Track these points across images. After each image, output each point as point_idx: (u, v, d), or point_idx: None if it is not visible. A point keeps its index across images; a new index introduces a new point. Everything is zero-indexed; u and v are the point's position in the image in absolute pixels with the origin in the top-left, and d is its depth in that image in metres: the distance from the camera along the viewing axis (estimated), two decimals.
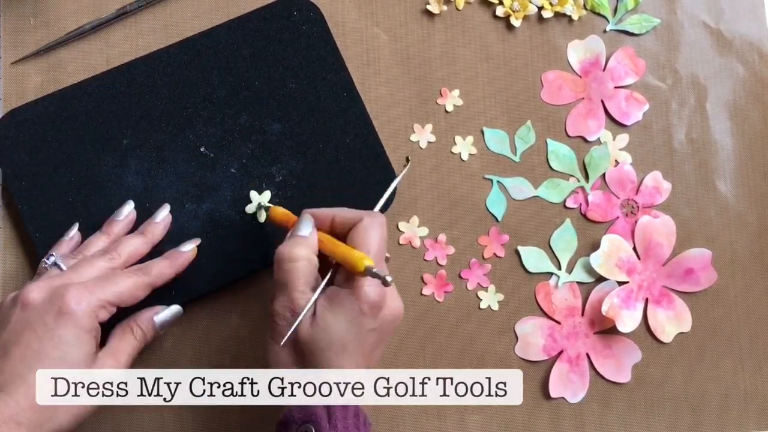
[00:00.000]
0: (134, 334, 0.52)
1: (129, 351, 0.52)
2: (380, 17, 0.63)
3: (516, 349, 0.61)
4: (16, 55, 0.61)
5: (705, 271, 0.62)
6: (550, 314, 0.61)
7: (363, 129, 0.60)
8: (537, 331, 0.61)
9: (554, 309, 0.61)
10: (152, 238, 0.56)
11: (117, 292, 0.50)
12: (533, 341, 0.61)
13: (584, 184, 0.63)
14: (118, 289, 0.50)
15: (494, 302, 0.61)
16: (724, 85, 0.65)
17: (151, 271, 0.53)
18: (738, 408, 0.62)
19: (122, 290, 0.50)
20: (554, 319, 0.61)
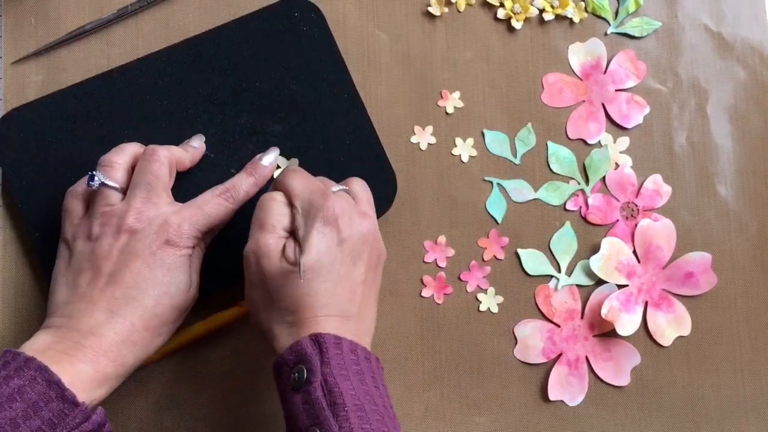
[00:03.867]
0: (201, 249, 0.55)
1: None
2: (381, 18, 0.63)
3: (515, 352, 0.61)
4: (16, 55, 0.61)
5: (705, 274, 0.62)
6: (549, 317, 0.61)
7: (363, 130, 0.60)
8: (536, 334, 0.61)
9: (554, 312, 0.61)
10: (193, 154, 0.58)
11: (212, 220, 0.53)
12: (532, 344, 0.61)
13: (584, 187, 0.63)
14: (211, 220, 0.53)
15: (494, 304, 0.61)
16: (725, 89, 0.65)
17: (238, 195, 0.55)
18: (737, 412, 0.62)
19: (216, 217, 0.53)
20: (554, 321, 0.61)
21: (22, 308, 0.59)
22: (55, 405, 0.45)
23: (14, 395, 0.44)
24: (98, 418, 0.46)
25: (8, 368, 0.46)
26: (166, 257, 0.51)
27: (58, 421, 0.45)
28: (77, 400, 0.45)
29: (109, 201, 0.53)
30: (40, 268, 0.58)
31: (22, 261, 0.59)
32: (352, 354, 0.47)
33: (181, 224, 0.52)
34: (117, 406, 0.58)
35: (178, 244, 0.51)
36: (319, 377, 0.45)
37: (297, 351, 0.47)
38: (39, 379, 0.45)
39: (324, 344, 0.47)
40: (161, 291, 0.50)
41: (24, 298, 0.59)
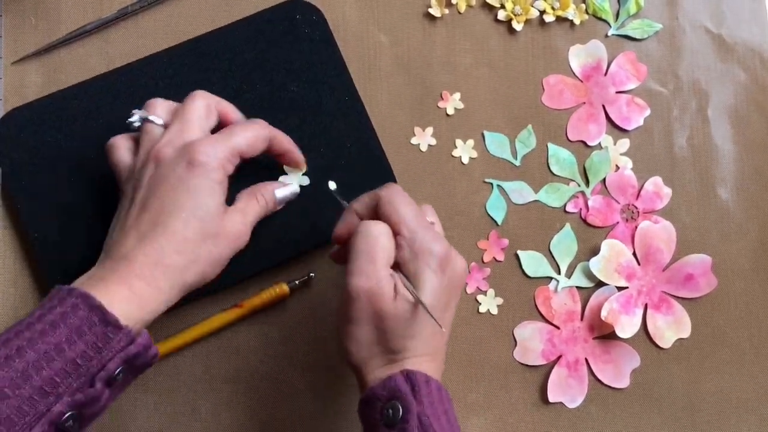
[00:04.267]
0: (258, 202, 0.55)
1: (254, 213, 0.54)
2: (382, 20, 0.63)
3: (515, 354, 0.61)
4: (16, 55, 0.61)
5: (705, 277, 0.62)
6: (549, 319, 0.61)
7: (364, 132, 0.60)
8: (536, 336, 0.61)
9: (553, 314, 0.61)
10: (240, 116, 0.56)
11: (240, 143, 0.52)
12: (532, 346, 0.61)
13: (584, 189, 0.63)
14: (240, 140, 0.52)
15: (493, 306, 0.61)
16: (725, 91, 0.65)
17: (272, 129, 0.55)
18: (737, 414, 0.62)
19: (244, 141, 0.52)
20: (553, 323, 0.61)
21: (22, 309, 0.59)
22: (99, 329, 0.44)
23: (57, 321, 0.44)
24: (143, 341, 0.46)
25: (53, 300, 0.46)
26: (192, 179, 0.49)
27: (103, 344, 0.44)
28: (120, 322, 0.45)
29: (151, 136, 0.52)
30: (40, 269, 0.58)
31: (22, 261, 0.59)
32: (438, 393, 0.48)
33: (207, 144, 0.50)
34: (117, 407, 0.58)
35: (204, 166, 0.50)
36: (415, 416, 0.46)
37: (390, 387, 0.47)
38: (81, 305, 0.45)
39: (416, 383, 0.47)
40: (188, 214, 0.49)
41: (23, 298, 0.59)
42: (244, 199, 0.54)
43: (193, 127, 0.52)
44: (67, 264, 0.58)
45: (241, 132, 0.52)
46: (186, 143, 0.51)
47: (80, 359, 0.44)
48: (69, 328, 0.44)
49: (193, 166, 0.50)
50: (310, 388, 0.59)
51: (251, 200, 0.54)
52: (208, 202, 0.50)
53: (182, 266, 0.49)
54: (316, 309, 0.60)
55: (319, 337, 0.60)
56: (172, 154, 0.50)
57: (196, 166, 0.50)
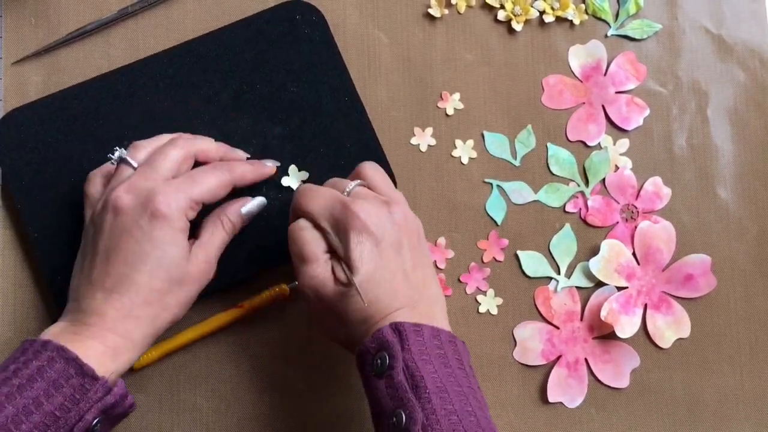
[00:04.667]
0: (224, 227, 0.54)
1: (218, 244, 0.54)
2: (382, 20, 0.63)
3: (514, 354, 0.61)
4: (17, 55, 0.61)
5: (704, 277, 0.62)
6: (549, 319, 0.61)
7: (364, 132, 0.60)
8: (536, 336, 0.61)
9: (553, 314, 0.61)
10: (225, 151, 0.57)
11: (202, 192, 0.52)
12: (532, 346, 0.61)
13: (584, 189, 0.63)
14: (203, 189, 0.52)
15: (493, 306, 0.61)
16: (725, 91, 0.65)
17: (234, 169, 0.55)
18: (737, 414, 0.62)
19: (207, 189, 0.52)
20: (553, 323, 0.61)
21: (22, 309, 0.59)
22: (76, 381, 0.46)
23: (34, 376, 0.45)
24: (120, 390, 0.47)
25: (27, 353, 0.47)
26: (154, 230, 0.49)
27: (81, 396, 0.46)
28: (96, 374, 0.46)
29: (122, 177, 0.52)
30: (40, 269, 0.58)
31: (22, 262, 0.59)
32: (434, 339, 0.48)
33: (168, 195, 0.50)
34: None
35: (166, 217, 0.50)
36: (401, 362, 0.46)
37: (378, 339, 0.48)
38: (57, 357, 0.46)
39: (404, 332, 0.47)
40: (154, 265, 0.49)
41: (24, 298, 0.59)
42: (208, 228, 0.54)
43: (158, 174, 0.52)
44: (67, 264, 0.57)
45: (202, 180, 0.52)
46: (147, 193, 0.50)
47: (58, 411, 0.45)
48: (46, 382, 0.45)
49: (155, 218, 0.50)
50: (310, 388, 0.59)
51: (215, 228, 0.54)
52: (172, 251, 0.50)
53: (152, 316, 0.50)
54: None
55: (318, 338, 0.60)
56: (131, 203, 0.50)
57: (158, 217, 0.50)
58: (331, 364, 0.60)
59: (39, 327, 0.59)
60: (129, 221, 0.50)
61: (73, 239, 0.58)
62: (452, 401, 0.45)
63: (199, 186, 0.52)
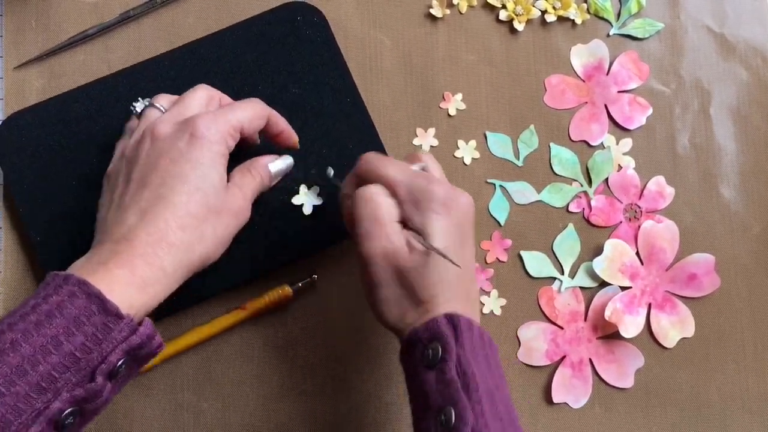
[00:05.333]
0: (253, 175, 0.53)
1: (252, 187, 0.53)
2: (383, 21, 0.63)
3: (518, 354, 0.61)
4: (18, 59, 0.61)
5: (708, 276, 0.62)
6: (552, 319, 0.61)
7: (366, 133, 0.60)
8: (540, 336, 0.61)
9: (557, 314, 0.61)
10: None
11: (240, 118, 0.51)
12: (536, 346, 0.61)
13: (587, 189, 0.63)
14: (241, 115, 0.51)
15: (497, 307, 0.61)
16: (727, 90, 0.65)
17: (265, 105, 0.54)
18: (742, 413, 0.62)
19: (245, 116, 0.51)
20: (557, 324, 0.61)
21: None
22: (98, 318, 0.42)
23: (53, 312, 0.41)
24: (146, 330, 0.44)
25: (48, 288, 0.43)
26: (193, 151, 0.48)
27: (103, 335, 0.42)
28: (120, 312, 0.42)
29: (152, 117, 0.51)
30: (42, 271, 0.58)
31: (24, 264, 0.59)
32: (480, 339, 0.47)
33: (207, 119, 0.49)
34: (120, 409, 0.58)
35: (206, 138, 0.48)
36: (455, 357, 0.45)
37: (432, 329, 0.46)
38: (78, 292, 0.42)
39: (459, 326, 0.46)
40: (192, 187, 0.47)
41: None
42: (238, 174, 0.53)
43: (192, 109, 0.51)
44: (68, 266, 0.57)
45: (241, 108, 0.51)
46: (186, 119, 0.50)
47: (79, 352, 0.41)
48: (66, 319, 0.41)
49: (195, 138, 0.48)
50: (313, 389, 0.59)
51: (246, 175, 0.53)
52: (211, 174, 0.48)
53: (187, 244, 0.47)
54: (320, 311, 0.60)
55: (322, 339, 0.60)
56: (170, 130, 0.49)
57: (198, 137, 0.48)
58: (334, 365, 0.60)
59: None
60: (168, 144, 0.48)
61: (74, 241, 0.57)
62: (497, 406, 0.45)
63: (237, 112, 0.51)
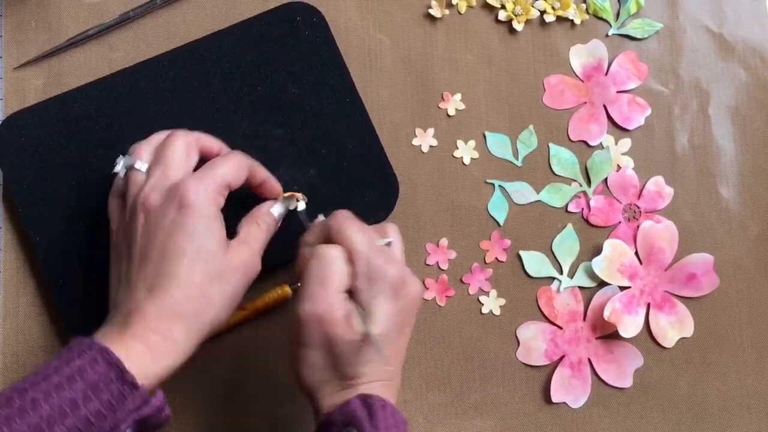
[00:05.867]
0: (259, 225, 0.53)
1: (260, 238, 0.53)
2: (382, 21, 0.63)
3: (517, 354, 0.61)
4: (18, 58, 0.61)
5: (707, 276, 0.62)
6: (551, 319, 0.61)
7: (365, 134, 0.60)
8: (539, 336, 0.61)
9: (556, 314, 0.61)
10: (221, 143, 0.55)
11: (225, 174, 0.51)
12: (535, 346, 0.61)
13: (586, 189, 0.63)
14: (225, 171, 0.51)
15: (496, 307, 0.61)
16: (726, 90, 0.65)
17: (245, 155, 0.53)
18: (740, 413, 0.62)
19: (229, 170, 0.51)
20: (556, 324, 0.61)
21: (24, 312, 0.59)
22: (115, 387, 0.44)
23: (74, 375, 0.43)
24: (157, 402, 0.45)
25: (72, 351, 0.45)
26: (186, 221, 0.48)
27: (118, 403, 0.44)
28: (136, 382, 0.44)
29: (137, 184, 0.51)
30: (41, 272, 0.58)
31: (23, 265, 0.59)
32: (393, 418, 0.47)
33: (193, 183, 0.49)
34: None
35: (196, 205, 0.48)
36: None
37: (347, 412, 0.47)
38: (99, 359, 0.44)
39: (373, 406, 0.46)
40: (191, 258, 0.48)
41: (25, 302, 0.59)
42: (245, 228, 0.53)
43: (175, 169, 0.50)
44: (68, 267, 0.58)
45: (223, 164, 0.51)
46: (171, 185, 0.49)
47: (94, 417, 0.43)
48: (86, 384, 0.43)
49: (185, 208, 0.48)
50: None
51: (252, 227, 0.53)
52: (207, 241, 0.49)
53: (195, 312, 0.48)
54: None
55: None
56: (159, 200, 0.49)
57: (187, 207, 0.48)
58: None
59: (40, 329, 0.59)
60: (160, 216, 0.49)
61: (75, 242, 0.58)
62: None
63: (220, 169, 0.50)
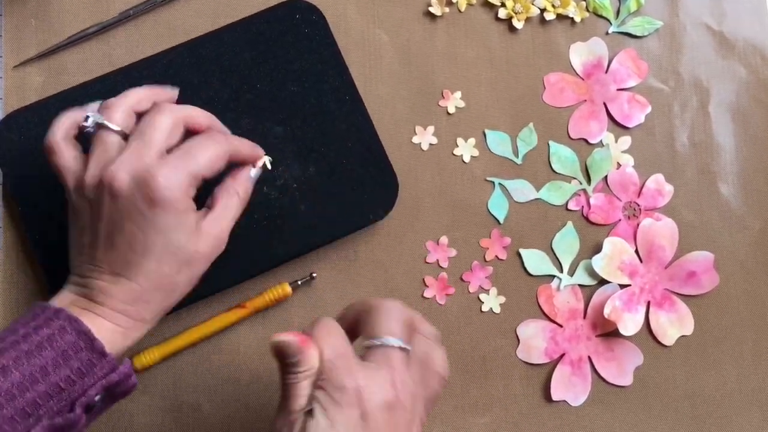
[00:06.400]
0: (239, 195, 0.51)
1: (233, 215, 0.51)
2: (382, 19, 0.63)
3: (518, 352, 0.61)
4: (17, 57, 0.61)
5: (707, 274, 0.62)
6: (551, 317, 0.61)
7: (364, 131, 0.60)
8: (539, 334, 0.61)
9: (556, 312, 0.61)
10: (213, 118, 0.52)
11: (200, 166, 0.48)
12: (535, 344, 0.61)
13: (586, 187, 0.63)
14: (201, 162, 0.48)
15: (496, 305, 0.61)
16: (726, 88, 0.65)
17: (230, 140, 0.51)
18: (740, 410, 0.62)
19: (205, 163, 0.48)
20: (556, 321, 0.61)
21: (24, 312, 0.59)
22: (84, 354, 0.45)
23: (44, 343, 0.45)
24: (125, 369, 0.46)
25: (38, 319, 0.46)
26: (157, 217, 0.47)
27: (87, 370, 0.45)
28: (105, 350, 0.46)
29: (106, 147, 0.49)
30: (41, 271, 0.58)
31: (23, 264, 0.59)
32: None
33: (166, 176, 0.47)
34: (120, 408, 0.58)
35: (167, 200, 0.47)
36: None
37: None
38: (68, 328, 0.45)
39: None
40: (161, 252, 0.47)
41: (24, 300, 0.59)
42: (222, 199, 0.51)
43: (152, 149, 0.48)
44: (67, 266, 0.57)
45: (199, 153, 0.48)
46: (144, 174, 0.46)
47: (63, 383, 0.44)
48: (55, 352, 0.45)
49: (156, 202, 0.46)
50: None
51: (231, 200, 0.51)
52: (178, 237, 0.48)
53: (162, 298, 0.49)
54: (318, 309, 0.60)
55: None
56: (128, 186, 0.47)
57: (158, 201, 0.46)
58: None
59: None
60: (129, 206, 0.47)
61: None
62: None
63: (197, 159, 0.48)
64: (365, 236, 0.60)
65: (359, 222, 0.59)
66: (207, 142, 0.49)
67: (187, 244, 0.48)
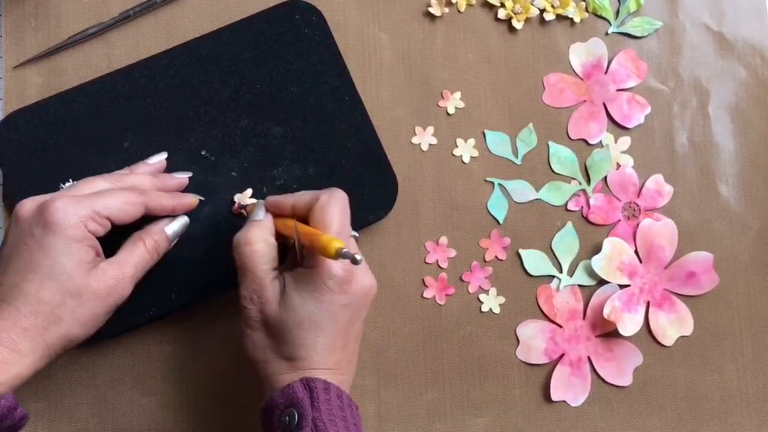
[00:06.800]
0: (145, 245, 0.53)
1: (135, 261, 0.52)
2: (382, 20, 0.63)
3: (517, 352, 0.61)
4: (17, 57, 0.61)
5: (707, 274, 0.62)
6: (551, 317, 0.61)
7: (364, 132, 0.60)
8: (538, 334, 0.61)
9: (555, 312, 0.61)
10: (161, 182, 0.56)
11: (106, 205, 0.50)
12: (534, 344, 0.61)
13: (586, 187, 0.63)
14: (107, 202, 0.50)
15: (495, 305, 0.61)
16: (726, 88, 0.65)
17: (148, 193, 0.53)
18: (739, 411, 0.62)
19: (112, 203, 0.50)
20: (555, 322, 0.61)
21: None
22: None
23: None
24: (7, 403, 0.45)
25: None
26: (46, 239, 0.48)
27: None
28: None
29: None
30: None
31: None
32: (338, 400, 0.48)
33: (65, 204, 0.49)
34: (120, 408, 0.58)
35: (60, 224, 0.48)
36: (310, 422, 0.46)
37: (288, 394, 0.47)
38: None
39: (315, 389, 0.47)
40: (43, 275, 0.48)
41: None
42: (126, 247, 0.52)
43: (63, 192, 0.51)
44: None
45: (109, 196, 0.51)
46: (46, 200, 0.49)
47: None
48: None
49: (48, 224, 0.48)
50: None
51: (136, 248, 0.52)
52: (64, 261, 0.48)
53: (41, 327, 0.47)
54: None
55: None
56: (29, 212, 0.49)
57: (50, 224, 0.48)
58: None
59: None
60: (25, 229, 0.49)
61: None
62: None
63: (103, 200, 0.50)
64: (365, 236, 0.60)
65: (359, 222, 0.59)
66: (121, 190, 0.52)
67: (73, 272, 0.48)
